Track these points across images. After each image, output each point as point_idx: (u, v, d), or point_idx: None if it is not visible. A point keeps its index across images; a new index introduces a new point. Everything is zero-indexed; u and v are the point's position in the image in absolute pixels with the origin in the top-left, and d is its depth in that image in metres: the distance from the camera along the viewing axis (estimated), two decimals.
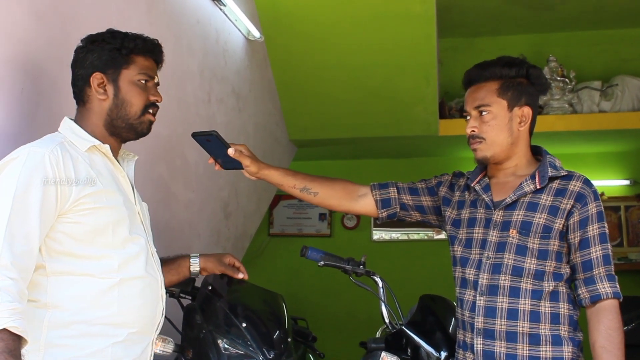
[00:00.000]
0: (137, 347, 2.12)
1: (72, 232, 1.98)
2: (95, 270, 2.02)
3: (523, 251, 2.26)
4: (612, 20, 6.46)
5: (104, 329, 2.02)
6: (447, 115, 6.11)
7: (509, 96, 2.36)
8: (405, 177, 7.79)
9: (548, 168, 2.34)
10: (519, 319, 2.22)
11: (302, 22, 4.88)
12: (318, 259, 3.05)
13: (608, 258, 2.26)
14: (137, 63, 2.20)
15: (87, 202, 1.99)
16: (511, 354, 2.21)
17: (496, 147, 2.33)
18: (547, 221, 2.27)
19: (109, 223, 2.05)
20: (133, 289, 2.09)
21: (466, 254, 2.39)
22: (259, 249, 7.79)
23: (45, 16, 2.46)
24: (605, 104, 6.13)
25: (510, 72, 2.37)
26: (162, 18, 3.44)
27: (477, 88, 2.39)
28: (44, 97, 2.45)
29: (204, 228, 4.11)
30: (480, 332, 2.27)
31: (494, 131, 2.33)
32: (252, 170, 2.55)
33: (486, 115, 2.33)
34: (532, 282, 2.24)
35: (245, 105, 4.77)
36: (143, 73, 2.21)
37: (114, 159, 2.19)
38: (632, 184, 7.29)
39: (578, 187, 2.31)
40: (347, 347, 5.01)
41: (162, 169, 3.48)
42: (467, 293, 2.36)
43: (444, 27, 6.31)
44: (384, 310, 3.05)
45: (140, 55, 2.21)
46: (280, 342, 2.71)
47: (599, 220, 2.29)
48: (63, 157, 1.97)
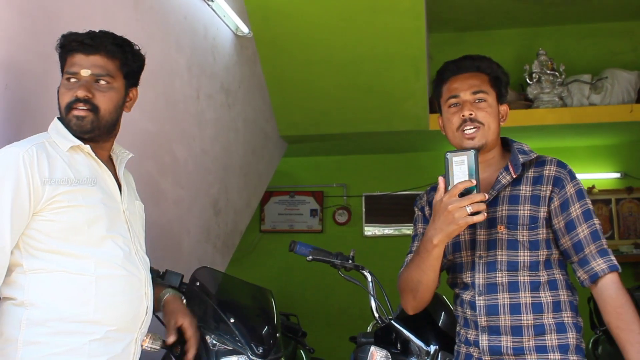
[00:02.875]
0: (117, 344, 2.11)
1: (46, 230, 2.00)
2: (72, 268, 2.03)
3: (514, 245, 2.25)
4: (602, 13, 6.48)
5: (80, 326, 2.02)
6: (438, 109, 6.09)
7: (497, 91, 2.38)
8: (396, 171, 7.86)
9: (518, 155, 2.32)
10: (523, 313, 2.21)
11: (291, 17, 4.87)
12: (307, 254, 3.05)
13: (596, 234, 2.22)
14: (67, 62, 2.17)
15: (62, 201, 2.01)
16: (518, 347, 2.20)
17: (490, 134, 2.32)
18: (531, 212, 2.26)
19: (85, 221, 2.06)
20: (111, 287, 2.09)
21: (458, 258, 2.36)
22: (250, 246, 7.78)
23: (29, 13, 2.45)
24: (595, 97, 6.14)
25: (499, 70, 2.41)
26: (149, 14, 3.43)
27: (471, 76, 2.37)
28: (28, 94, 2.43)
29: (193, 225, 4.10)
30: (485, 329, 2.26)
31: (491, 117, 2.32)
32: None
33: (482, 103, 2.32)
34: (528, 274, 2.23)
35: (235, 101, 4.76)
36: (67, 72, 2.16)
37: (97, 158, 2.19)
38: (622, 177, 7.29)
39: (553, 171, 2.29)
40: (338, 342, 5.02)
41: (151, 165, 3.47)
42: (465, 294, 2.34)
43: (433, 21, 6.31)
44: (373, 304, 3.05)
45: (70, 54, 2.17)
46: (269, 338, 2.70)
47: (579, 199, 2.25)
48: (38, 157, 1.99)
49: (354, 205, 7.86)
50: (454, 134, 2.35)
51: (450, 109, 2.37)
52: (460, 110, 2.33)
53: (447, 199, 2.10)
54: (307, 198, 7.98)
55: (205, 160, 4.26)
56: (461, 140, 2.32)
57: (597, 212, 7.33)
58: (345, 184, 7.86)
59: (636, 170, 7.27)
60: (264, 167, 5.65)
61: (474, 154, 2.09)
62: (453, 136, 2.37)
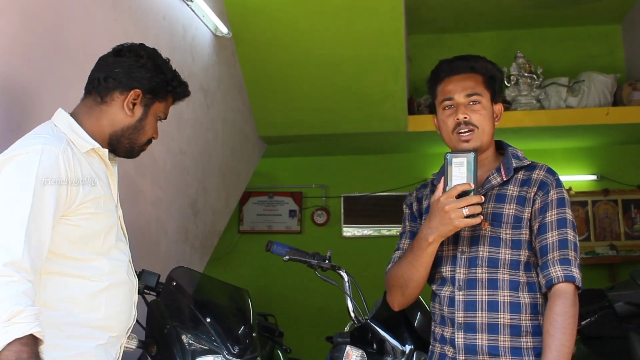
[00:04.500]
0: (114, 349, 2.15)
1: (68, 234, 1.99)
2: (88, 273, 2.04)
3: (497, 242, 2.26)
4: (579, 17, 6.55)
5: (90, 331, 2.04)
6: (416, 111, 6.13)
7: (491, 91, 2.38)
8: (374, 172, 7.87)
9: (512, 160, 2.34)
10: (500, 311, 2.22)
11: (271, 17, 4.88)
12: (283, 254, 3.06)
13: (565, 242, 2.21)
14: (167, 103, 2.28)
15: (89, 207, 2.01)
16: (493, 346, 2.20)
17: (485, 136, 2.33)
18: (516, 211, 2.27)
19: (102, 229, 2.07)
20: (118, 295, 2.12)
21: (439, 252, 2.35)
22: (228, 246, 7.77)
23: (5, 11, 2.43)
24: (572, 99, 6.20)
25: (493, 69, 2.41)
26: (127, 14, 3.42)
27: (464, 77, 2.37)
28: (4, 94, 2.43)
29: (171, 225, 4.10)
30: (461, 326, 2.26)
31: (485, 120, 2.33)
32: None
33: (477, 105, 2.32)
34: (508, 273, 2.23)
35: (214, 101, 4.76)
36: (165, 112, 2.29)
37: (109, 163, 2.19)
38: (598, 179, 7.36)
39: (541, 175, 2.30)
40: (316, 342, 5.02)
41: (129, 166, 3.46)
42: (444, 289, 2.34)
43: (412, 23, 6.34)
44: (349, 304, 3.06)
45: (172, 97, 2.29)
46: (245, 337, 2.71)
47: (558, 206, 2.26)
48: (73, 158, 1.98)
49: (333, 206, 7.87)
50: (450, 136, 2.37)
51: (445, 111, 2.38)
52: (454, 113, 2.34)
53: (444, 200, 2.15)
54: (286, 199, 7.98)
55: (184, 160, 4.26)
56: (457, 142, 2.34)
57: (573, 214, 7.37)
58: (324, 185, 7.87)
59: (612, 173, 7.34)
60: (243, 168, 5.65)
61: (473, 157, 2.15)
62: (449, 138, 2.38)
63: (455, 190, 2.15)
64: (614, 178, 7.32)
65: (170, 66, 2.27)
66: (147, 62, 2.20)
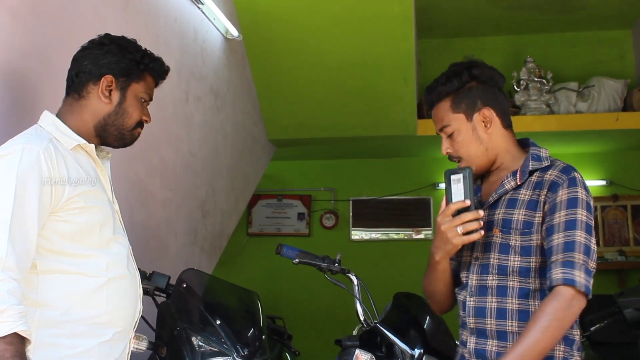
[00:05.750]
0: (119, 345, 2.14)
1: (62, 231, 1.99)
2: (86, 269, 2.04)
3: (506, 249, 2.22)
4: (589, 22, 6.54)
5: (92, 328, 2.04)
6: (426, 115, 6.11)
7: (464, 108, 2.30)
8: (383, 176, 7.88)
9: (529, 162, 2.27)
10: (508, 318, 2.19)
11: (281, 21, 4.89)
12: (293, 257, 3.07)
13: (571, 244, 2.09)
14: (147, 82, 2.25)
15: (78, 202, 2.01)
16: (502, 352, 2.16)
17: (475, 160, 2.30)
18: (526, 217, 2.20)
19: (97, 223, 2.07)
20: (119, 289, 2.12)
21: (459, 257, 2.36)
22: (237, 249, 7.78)
23: (20, 13, 2.45)
24: (581, 104, 6.19)
25: (453, 85, 2.31)
26: (139, 16, 3.44)
27: (436, 110, 2.35)
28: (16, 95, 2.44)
29: (181, 227, 4.11)
30: (473, 331, 2.25)
31: (465, 147, 2.30)
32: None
33: (453, 134, 2.31)
34: (518, 280, 2.19)
35: (224, 104, 4.77)
36: (147, 93, 2.26)
37: (97, 158, 2.20)
38: (608, 185, 7.35)
39: (554, 175, 2.21)
40: (324, 345, 5.02)
41: (139, 167, 3.47)
42: (461, 294, 2.34)
43: (422, 27, 6.34)
44: (358, 307, 3.06)
45: (151, 75, 2.27)
46: (254, 340, 2.72)
47: (568, 206, 2.14)
48: (56, 155, 1.98)
49: (342, 209, 7.87)
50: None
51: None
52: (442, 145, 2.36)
53: (440, 219, 2.16)
54: (294, 202, 7.99)
55: (194, 162, 4.27)
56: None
57: None
58: (333, 188, 7.88)
59: (622, 178, 7.33)
60: (252, 170, 5.67)
61: (468, 172, 2.13)
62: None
63: (449, 210, 2.14)
64: (623, 183, 7.30)
65: (138, 46, 2.25)
66: (111, 47, 2.19)
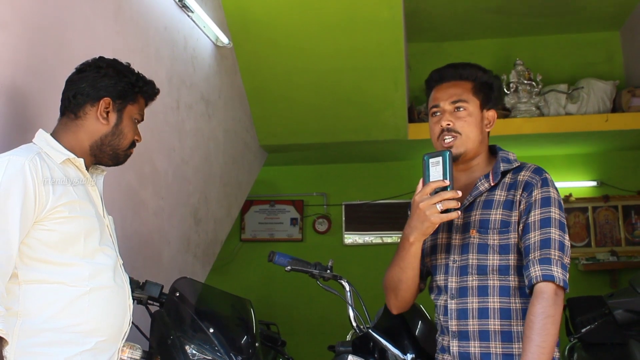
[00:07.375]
0: (104, 355, 2.16)
1: (46, 240, 2.03)
2: (67, 279, 2.06)
3: (484, 249, 2.25)
4: (578, 24, 6.58)
5: (73, 337, 2.06)
6: (416, 119, 6.15)
7: (482, 97, 2.39)
8: (375, 180, 7.88)
9: (500, 164, 2.34)
10: (490, 317, 2.21)
11: (271, 27, 4.90)
12: (285, 264, 3.07)
13: (547, 242, 2.16)
14: (140, 103, 2.37)
15: (63, 211, 2.05)
16: (485, 353, 2.20)
17: (470, 143, 2.34)
18: (503, 216, 2.25)
19: (81, 232, 2.11)
20: (102, 299, 2.14)
21: (434, 261, 2.39)
22: (230, 255, 7.78)
23: (9, 24, 2.46)
24: (571, 106, 6.22)
25: (484, 76, 2.42)
26: (129, 25, 3.44)
27: (452, 85, 2.39)
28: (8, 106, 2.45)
29: (174, 235, 4.11)
30: (455, 334, 2.27)
31: (469, 127, 2.34)
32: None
33: (462, 112, 2.34)
34: (498, 278, 2.23)
35: (215, 111, 4.78)
36: (139, 113, 2.37)
37: (86, 172, 2.25)
38: (598, 185, 7.39)
39: (527, 176, 2.28)
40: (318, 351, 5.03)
41: (131, 176, 3.48)
42: (440, 298, 2.36)
43: (412, 31, 6.37)
44: (351, 313, 3.07)
45: (143, 97, 2.38)
46: (247, 347, 2.72)
47: (542, 205, 2.21)
48: (41, 166, 2.02)
49: (334, 214, 7.89)
50: (435, 142, 2.39)
51: (433, 117, 2.41)
52: (440, 120, 2.36)
53: (418, 197, 2.18)
54: (287, 207, 8.00)
55: (186, 170, 4.28)
56: (441, 149, 2.34)
57: (574, 220, 7.46)
58: (325, 193, 7.89)
59: (612, 179, 7.37)
60: (244, 177, 5.67)
61: (447, 155, 2.16)
62: (435, 144, 2.40)
63: (429, 188, 2.16)
64: (614, 184, 7.34)
65: (132, 69, 2.35)
66: (108, 70, 2.28)
